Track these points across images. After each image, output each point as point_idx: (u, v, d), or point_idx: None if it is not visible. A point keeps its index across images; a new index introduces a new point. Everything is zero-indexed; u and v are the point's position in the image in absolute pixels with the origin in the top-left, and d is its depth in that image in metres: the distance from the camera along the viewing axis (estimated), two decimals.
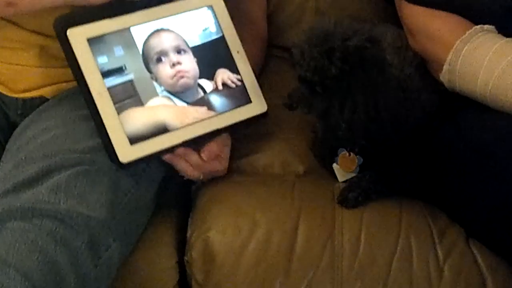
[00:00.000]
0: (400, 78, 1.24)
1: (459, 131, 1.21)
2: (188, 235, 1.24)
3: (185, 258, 1.23)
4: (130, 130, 1.15)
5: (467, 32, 1.23)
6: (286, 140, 1.38)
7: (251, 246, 1.19)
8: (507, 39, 1.22)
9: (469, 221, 1.22)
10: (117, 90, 1.16)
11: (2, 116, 1.30)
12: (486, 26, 1.24)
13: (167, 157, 1.20)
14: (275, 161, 1.36)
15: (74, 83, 1.21)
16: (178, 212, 1.32)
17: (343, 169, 1.28)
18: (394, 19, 1.44)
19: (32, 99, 1.28)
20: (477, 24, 1.25)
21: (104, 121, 1.13)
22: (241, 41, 1.33)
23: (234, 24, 1.35)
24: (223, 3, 1.30)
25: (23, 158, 1.11)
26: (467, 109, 1.24)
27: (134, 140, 1.14)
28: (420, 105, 1.25)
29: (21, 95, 1.28)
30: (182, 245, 1.25)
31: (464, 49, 1.21)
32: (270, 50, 1.63)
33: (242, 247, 1.19)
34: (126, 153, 1.13)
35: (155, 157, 1.18)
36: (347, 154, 1.27)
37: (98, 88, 1.14)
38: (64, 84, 1.28)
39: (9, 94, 1.28)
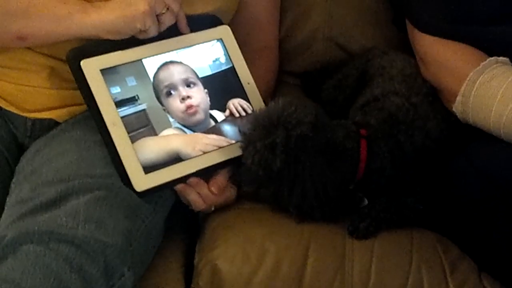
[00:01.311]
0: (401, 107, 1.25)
1: (471, 162, 1.19)
2: (195, 262, 1.23)
3: (192, 285, 1.21)
4: (144, 159, 1.15)
5: (482, 64, 1.22)
6: None
7: (260, 275, 1.18)
8: None
9: (481, 254, 1.21)
10: (131, 120, 1.17)
11: (11, 137, 1.29)
12: (500, 58, 1.23)
13: (179, 187, 1.20)
14: None
15: (84, 107, 1.21)
16: (186, 237, 1.31)
17: None
18: (406, 47, 1.44)
19: (41, 121, 1.27)
20: (491, 56, 1.25)
21: (119, 151, 1.14)
22: (254, 68, 1.35)
23: (247, 51, 1.36)
24: (232, 36, 1.32)
25: (39, 181, 1.10)
26: (479, 140, 1.23)
27: (148, 169, 1.15)
28: (424, 133, 1.24)
29: (31, 115, 1.27)
30: (189, 271, 1.24)
31: (478, 81, 1.21)
32: (280, 76, 1.63)
33: (251, 275, 1.18)
34: (141, 182, 1.14)
35: (169, 186, 1.19)
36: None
37: (112, 118, 1.15)
38: (74, 107, 1.28)
39: (19, 113, 1.27)
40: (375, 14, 1.59)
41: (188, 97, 1.25)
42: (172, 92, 1.23)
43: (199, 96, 1.26)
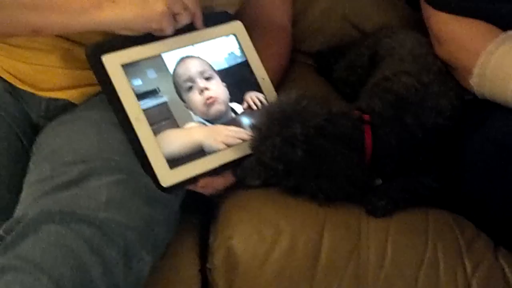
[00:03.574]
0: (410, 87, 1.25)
1: (489, 137, 1.19)
2: (210, 242, 1.23)
3: (207, 265, 1.21)
4: (168, 153, 1.16)
5: (500, 36, 1.21)
6: None
7: (275, 254, 1.17)
8: None
9: (498, 228, 1.21)
10: (153, 112, 1.18)
11: (25, 117, 1.29)
12: None
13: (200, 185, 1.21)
14: None
15: (98, 88, 1.21)
16: (201, 218, 1.31)
17: None
18: (420, 26, 1.43)
19: (55, 101, 1.27)
20: (505, 31, 1.24)
21: (144, 146, 1.14)
22: (267, 47, 1.36)
23: (260, 31, 1.38)
24: (245, 31, 1.33)
25: (60, 161, 1.10)
26: (495, 116, 1.22)
27: (173, 164, 1.16)
28: (435, 112, 1.23)
29: (46, 94, 1.27)
30: (204, 251, 1.24)
31: (496, 52, 1.20)
32: (294, 56, 1.62)
33: (266, 255, 1.17)
34: (166, 177, 1.15)
35: (193, 181, 1.19)
36: None
37: (136, 113, 1.15)
38: (88, 88, 1.28)
39: (33, 91, 1.27)
40: None
41: (206, 89, 1.25)
42: (191, 86, 1.24)
43: (217, 88, 1.27)
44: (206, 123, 1.24)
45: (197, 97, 1.24)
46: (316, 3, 1.61)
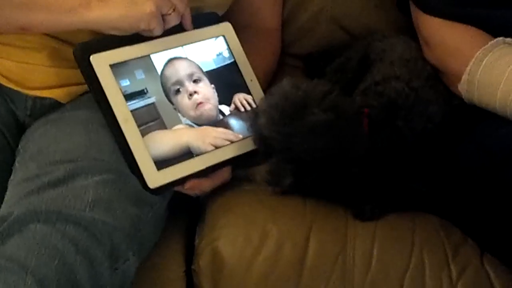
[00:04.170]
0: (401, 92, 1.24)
1: (477, 144, 1.19)
2: (196, 243, 1.23)
3: (193, 267, 1.21)
4: (155, 154, 1.15)
5: (489, 43, 1.21)
6: None
7: (261, 257, 1.17)
8: None
9: (485, 235, 1.21)
10: (141, 113, 1.17)
11: (11, 115, 1.28)
12: (508, 39, 1.22)
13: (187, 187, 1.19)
14: None
15: (85, 87, 1.21)
16: (186, 218, 1.31)
17: None
18: (409, 29, 1.43)
19: (42, 100, 1.26)
20: (496, 37, 1.24)
21: (132, 148, 1.13)
22: (256, 49, 1.36)
23: (250, 33, 1.39)
24: (234, 33, 1.33)
25: (47, 160, 1.09)
26: (485, 122, 1.22)
27: (160, 165, 1.15)
28: (427, 117, 1.23)
29: (32, 93, 1.26)
30: (190, 253, 1.23)
31: (485, 59, 1.20)
32: (283, 58, 1.62)
33: (252, 257, 1.17)
34: (154, 179, 1.14)
35: (180, 183, 1.18)
36: None
37: (124, 114, 1.15)
38: (74, 87, 1.27)
39: (20, 89, 1.26)
40: None
41: (195, 92, 1.25)
42: (180, 89, 1.24)
43: (206, 91, 1.26)
44: (194, 125, 1.23)
45: (186, 100, 1.23)
46: (305, 6, 1.60)
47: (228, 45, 1.32)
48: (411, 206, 1.25)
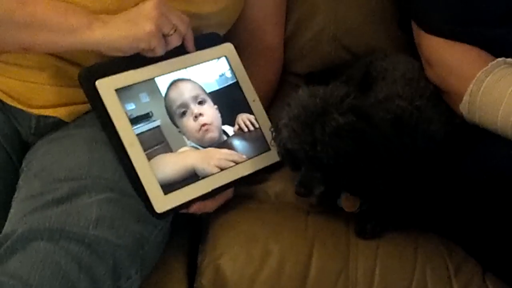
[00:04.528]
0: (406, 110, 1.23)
1: (479, 164, 1.19)
2: (198, 261, 1.23)
3: (195, 285, 1.21)
4: (161, 177, 1.16)
5: (490, 64, 1.22)
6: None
7: (263, 275, 1.18)
8: None
9: (487, 254, 1.20)
10: (146, 137, 1.18)
11: (15, 134, 1.29)
12: (508, 59, 1.23)
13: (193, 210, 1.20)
14: (288, 189, 1.33)
15: (89, 106, 1.21)
16: (189, 236, 1.31)
17: (346, 209, 1.25)
18: (411, 48, 1.43)
19: (46, 118, 1.27)
20: (498, 57, 1.24)
21: (138, 173, 1.14)
22: (257, 67, 1.38)
23: (251, 51, 1.40)
24: (236, 53, 1.34)
25: (51, 178, 1.10)
26: (486, 141, 1.22)
27: (167, 189, 1.16)
28: (428, 136, 1.23)
29: (36, 111, 1.26)
30: (192, 271, 1.24)
31: (486, 80, 1.20)
32: (285, 76, 1.62)
33: (254, 275, 1.18)
34: (161, 203, 1.15)
35: (187, 206, 1.19)
36: (349, 195, 1.25)
37: (130, 139, 1.15)
38: (78, 106, 1.27)
39: (24, 108, 1.27)
40: (381, 15, 1.58)
41: (200, 114, 1.26)
42: (185, 111, 1.24)
43: (210, 113, 1.27)
44: (199, 147, 1.24)
45: (191, 123, 1.24)
46: (308, 25, 1.61)
47: (230, 65, 1.33)
48: (412, 225, 1.25)
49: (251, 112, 1.32)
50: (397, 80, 1.34)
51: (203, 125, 1.25)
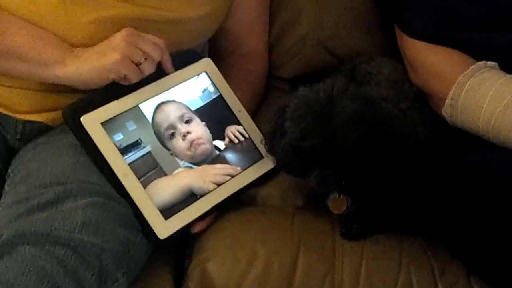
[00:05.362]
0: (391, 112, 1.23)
1: (462, 166, 1.20)
2: (185, 265, 1.23)
3: None
4: (159, 203, 1.17)
5: (471, 68, 1.23)
6: None
7: (250, 278, 1.18)
8: (510, 76, 1.22)
9: (471, 256, 1.21)
10: (139, 165, 1.19)
11: (1, 140, 1.29)
12: (489, 63, 1.24)
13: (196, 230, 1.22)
14: (275, 192, 1.34)
15: None
16: (176, 241, 1.30)
17: (334, 211, 1.26)
18: (394, 52, 1.45)
19: (32, 123, 1.27)
20: (479, 61, 1.26)
21: (136, 202, 1.15)
22: (243, 73, 1.39)
23: (236, 56, 1.41)
24: (215, 67, 1.35)
25: (36, 183, 1.10)
26: (469, 144, 1.24)
27: (167, 214, 1.16)
28: (414, 139, 1.23)
29: (22, 117, 1.27)
30: (179, 274, 1.24)
31: (467, 84, 1.21)
32: (270, 81, 1.63)
33: (241, 278, 1.18)
34: (163, 229, 1.15)
35: (188, 227, 1.20)
36: (337, 196, 1.25)
37: (123, 169, 1.16)
38: None
39: (9, 113, 1.27)
40: (365, 19, 1.59)
41: (188, 132, 1.26)
42: (174, 133, 1.25)
43: (199, 129, 1.28)
44: (192, 165, 1.24)
45: (181, 143, 1.25)
46: (292, 30, 1.61)
47: (211, 80, 1.33)
48: (397, 227, 1.26)
49: (238, 123, 1.33)
50: (381, 83, 1.35)
51: (193, 141, 1.26)
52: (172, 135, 1.25)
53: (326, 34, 1.61)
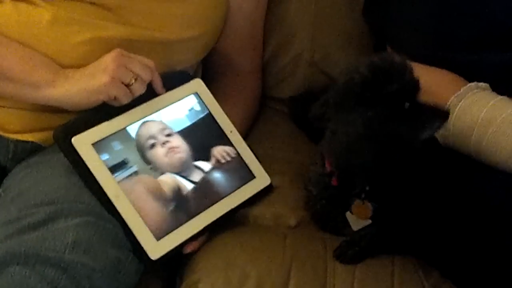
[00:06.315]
0: None
1: (458, 188, 1.20)
2: (177, 285, 1.23)
3: None
4: (151, 224, 1.16)
5: (462, 88, 1.23)
6: (278, 191, 1.37)
7: None
8: (501, 97, 1.23)
9: (463, 278, 1.21)
10: (126, 184, 1.17)
11: None
12: (480, 84, 1.25)
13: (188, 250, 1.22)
14: (267, 212, 1.33)
15: None
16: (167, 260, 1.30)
17: (359, 217, 1.24)
18: None
19: (24, 143, 1.27)
20: (471, 81, 1.26)
21: (128, 223, 1.14)
22: (237, 92, 1.40)
23: (230, 76, 1.42)
24: (206, 88, 1.34)
25: (28, 203, 1.10)
26: (462, 165, 1.24)
27: (159, 235, 1.16)
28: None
29: (13, 136, 1.27)
30: None
31: (459, 105, 1.22)
32: (264, 101, 1.64)
33: None
34: (155, 250, 1.15)
35: (180, 248, 1.19)
36: (361, 202, 1.24)
37: (114, 190, 1.15)
38: None
39: (1, 133, 1.27)
40: (358, 39, 1.60)
41: (168, 141, 1.26)
42: (154, 142, 1.24)
43: (178, 141, 1.27)
44: (177, 176, 1.24)
45: (159, 150, 1.24)
46: (285, 50, 1.62)
47: (202, 101, 1.33)
48: (390, 250, 1.26)
49: (230, 144, 1.32)
50: None
51: (170, 148, 1.25)
52: (153, 145, 1.24)
53: (320, 53, 1.61)
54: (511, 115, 1.18)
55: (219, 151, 1.30)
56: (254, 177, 1.32)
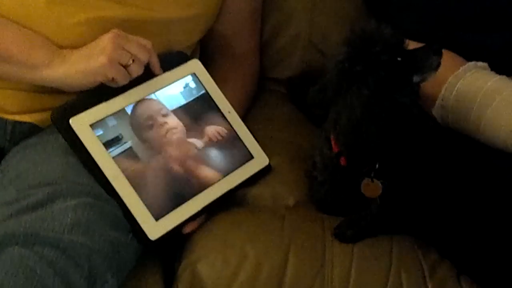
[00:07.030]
0: None
1: (457, 166, 1.20)
2: (175, 266, 1.23)
3: None
4: (150, 203, 1.16)
5: (461, 68, 1.23)
6: (276, 171, 1.37)
7: (240, 279, 1.18)
8: (500, 76, 1.22)
9: (461, 257, 1.21)
10: (121, 160, 1.18)
11: None
12: (479, 63, 1.24)
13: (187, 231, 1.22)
14: (265, 192, 1.34)
15: None
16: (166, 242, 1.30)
17: (369, 196, 1.23)
18: None
19: (21, 124, 1.27)
20: (469, 61, 1.26)
21: (127, 203, 1.14)
22: (234, 73, 1.40)
23: (228, 57, 1.42)
24: (204, 68, 1.34)
25: (26, 184, 1.10)
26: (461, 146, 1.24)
27: (158, 215, 1.16)
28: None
29: (11, 117, 1.27)
30: (169, 275, 1.23)
31: (458, 85, 1.22)
32: (262, 83, 1.63)
33: (231, 279, 1.18)
34: (154, 230, 1.15)
35: (178, 229, 1.20)
36: (370, 181, 1.23)
37: (113, 171, 1.15)
38: None
39: None
40: (356, 20, 1.59)
41: (166, 123, 1.26)
42: (152, 123, 1.24)
43: (174, 121, 1.27)
44: None
45: (158, 130, 1.24)
46: (283, 31, 1.62)
47: (200, 82, 1.33)
48: (391, 230, 1.26)
49: (228, 124, 1.32)
50: None
51: (168, 129, 1.26)
52: (151, 126, 1.24)
53: (317, 35, 1.61)
54: (510, 95, 1.18)
55: (212, 131, 1.30)
56: (253, 157, 1.32)
